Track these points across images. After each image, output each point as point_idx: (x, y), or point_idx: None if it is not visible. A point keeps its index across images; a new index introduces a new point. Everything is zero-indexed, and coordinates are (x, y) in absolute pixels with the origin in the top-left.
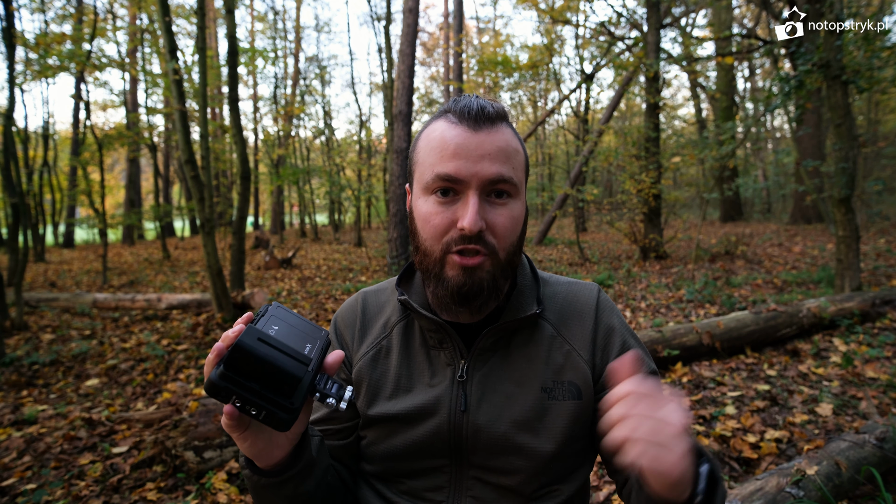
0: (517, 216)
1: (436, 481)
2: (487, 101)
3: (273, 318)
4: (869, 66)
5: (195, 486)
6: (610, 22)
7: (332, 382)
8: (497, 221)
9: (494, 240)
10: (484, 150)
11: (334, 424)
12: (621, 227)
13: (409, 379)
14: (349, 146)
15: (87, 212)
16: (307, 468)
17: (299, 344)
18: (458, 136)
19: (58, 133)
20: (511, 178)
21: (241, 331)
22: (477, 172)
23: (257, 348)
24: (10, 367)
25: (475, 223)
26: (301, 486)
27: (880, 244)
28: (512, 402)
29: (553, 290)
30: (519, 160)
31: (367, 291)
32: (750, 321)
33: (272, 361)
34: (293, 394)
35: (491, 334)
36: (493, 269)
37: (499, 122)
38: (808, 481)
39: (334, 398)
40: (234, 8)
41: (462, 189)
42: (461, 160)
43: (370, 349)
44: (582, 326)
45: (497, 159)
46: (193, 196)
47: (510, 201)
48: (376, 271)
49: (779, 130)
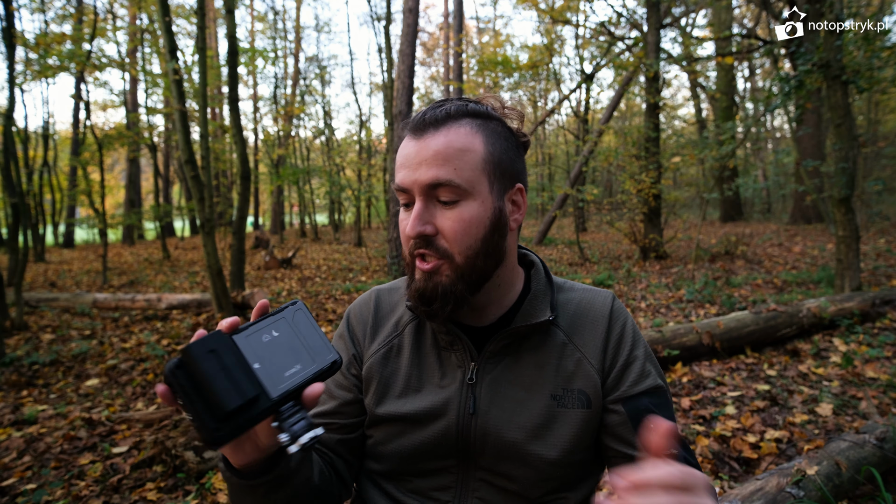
0: (468, 218)
1: (443, 481)
2: (445, 104)
3: (281, 322)
4: (869, 66)
5: (195, 486)
6: (610, 22)
7: (301, 418)
8: (444, 225)
9: (447, 244)
10: (421, 156)
11: (339, 419)
12: (621, 227)
13: (419, 379)
14: (349, 146)
15: (87, 212)
16: (280, 479)
17: (284, 362)
18: (405, 147)
19: (58, 133)
20: (450, 180)
21: (224, 326)
22: (416, 179)
23: (200, 362)
24: (10, 367)
25: (413, 228)
26: (272, 494)
27: (880, 244)
28: (521, 408)
29: (567, 297)
30: (469, 158)
31: (380, 289)
32: (750, 321)
33: (208, 381)
34: (222, 420)
35: (502, 338)
36: (452, 273)
37: (446, 124)
38: (808, 481)
39: (289, 436)
40: (234, 8)
41: (413, 197)
42: (406, 170)
43: (381, 347)
44: (594, 334)
45: (434, 163)
46: (193, 196)
47: (459, 204)
48: (376, 271)
49: (779, 130)
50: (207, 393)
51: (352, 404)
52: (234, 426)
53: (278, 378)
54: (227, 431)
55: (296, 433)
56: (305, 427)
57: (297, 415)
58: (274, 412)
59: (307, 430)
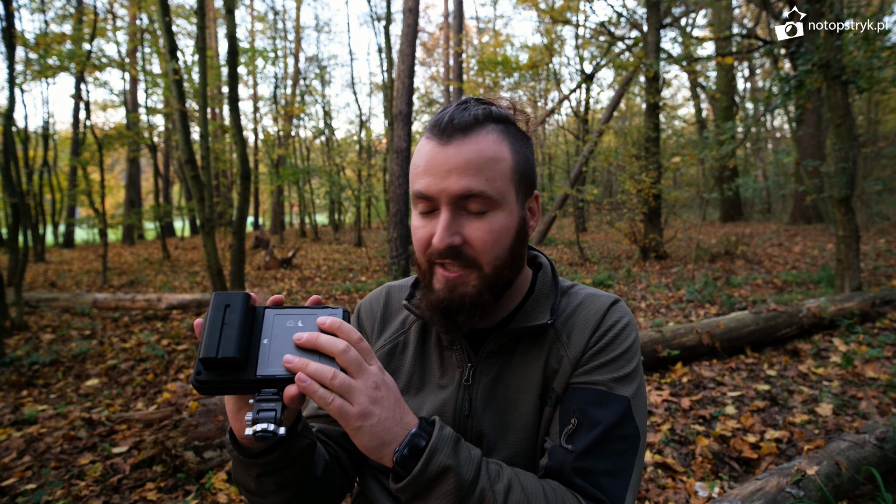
0: (498, 228)
1: None
2: (469, 107)
3: (311, 318)
4: (869, 66)
5: (195, 486)
6: (610, 22)
7: (273, 409)
8: (474, 235)
9: (474, 254)
10: (450, 164)
11: None
12: (621, 227)
13: (420, 378)
14: (349, 146)
15: (87, 212)
16: (275, 465)
17: (288, 350)
18: (429, 152)
19: (58, 133)
20: (482, 191)
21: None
22: (445, 189)
23: (211, 308)
24: (10, 367)
25: (442, 240)
26: (264, 476)
27: (880, 244)
28: (512, 410)
29: (570, 301)
30: (499, 168)
31: (391, 286)
32: (750, 321)
33: (206, 327)
34: (206, 367)
35: (498, 339)
36: (480, 283)
37: (474, 130)
38: (808, 481)
39: (252, 418)
40: (234, 8)
41: (437, 205)
42: (430, 177)
43: (387, 343)
44: (582, 332)
45: (465, 173)
46: (193, 196)
47: (489, 214)
48: (376, 271)
49: (779, 130)
50: (203, 336)
51: None
52: (216, 380)
53: (274, 361)
54: (207, 379)
55: (257, 419)
56: (269, 418)
57: (272, 403)
58: (255, 389)
59: (268, 421)
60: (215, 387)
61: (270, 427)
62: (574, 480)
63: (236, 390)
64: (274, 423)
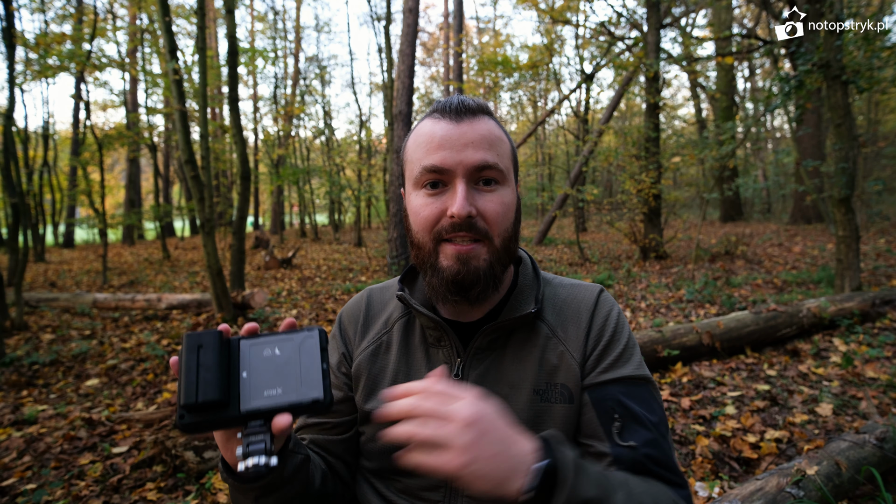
0: (507, 202)
1: (432, 480)
2: (468, 97)
3: (289, 343)
4: (869, 66)
5: (195, 486)
6: (610, 22)
7: (261, 441)
8: (487, 207)
9: (486, 225)
10: (467, 138)
11: (332, 418)
12: (621, 227)
13: (406, 376)
14: (349, 146)
15: (87, 212)
16: (271, 487)
17: (269, 381)
18: (441, 129)
19: (58, 133)
20: (496, 164)
21: (243, 330)
22: (462, 160)
23: (184, 352)
24: (10, 367)
25: (463, 207)
26: (263, 498)
27: (880, 244)
28: (505, 405)
29: (554, 291)
30: (504, 148)
31: (372, 289)
32: (750, 321)
33: (182, 372)
34: (189, 410)
35: (487, 333)
36: (490, 255)
37: (480, 114)
38: (808, 481)
39: (242, 452)
40: (234, 8)
41: (449, 179)
42: (446, 150)
43: (370, 344)
44: (577, 326)
45: (480, 146)
46: (193, 196)
47: (498, 188)
48: (376, 271)
49: (779, 130)
50: (180, 381)
51: (343, 403)
52: (200, 420)
53: (256, 394)
54: (191, 422)
55: (247, 453)
56: (259, 451)
57: (260, 435)
58: (241, 424)
59: (258, 454)
60: (200, 427)
61: (262, 460)
62: (653, 470)
63: (222, 427)
64: (265, 455)
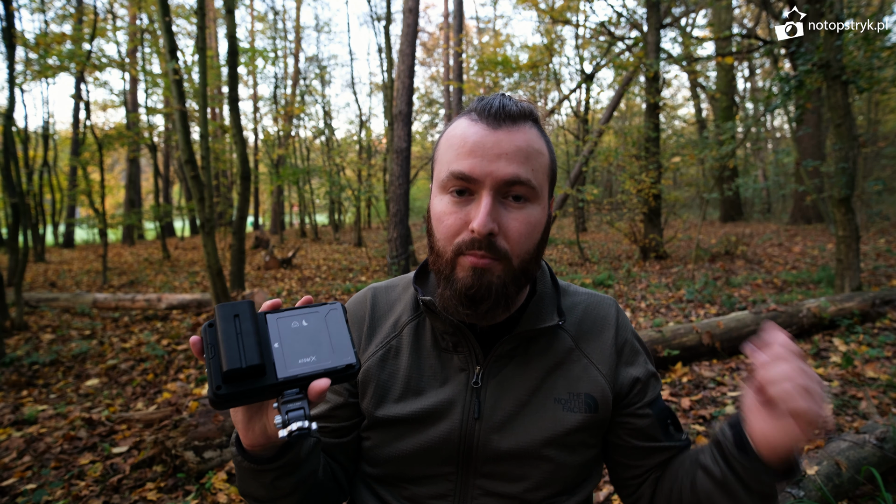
0: (534, 222)
1: (440, 489)
2: (513, 100)
3: (314, 315)
4: (869, 66)
5: (195, 486)
6: (610, 22)
7: (300, 407)
8: (511, 226)
9: (507, 245)
10: (501, 148)
11: (332, 422)
12: (621, 227)
13: (419, 381)
14: (349, 146)
15: (87, 212)
16: (289, 467)
17: (302, 350)
18: (475, 134)
19: (58, 133)
20: (529, 180)
21: (266, 306)
22: (492, 172)
23: (221, 321)
24: (10, 367)
25: (485, 225)
26: (279, 481)
27: (880, 244)
28: (525, 412)
29: (573, 301)
30: (541, 162)
31: (377, 287)
32: (750, 321)
33: (221, 340)
34: (226, 380)
35: (509, 341)
36: (505, 275)
37: (522, 121)
38: (808, 481)
39: (282, 420)
40: (234, 8)
41: (477, 189)
42: (477, 158)
43: (379, 349)
44: (601, 340)
45: (514, 159)
46: (193, 196)
47: (528, 205)
48: (376, 271)
49: (779, 130)
50: (218, 350)
51: (343, 408)
52: (237, 391)
53: (291, 362)
54: (228, 392)
55: (288, 420)
56: (300, 416)
57: (297, 402)
58: (278, 393)
59: (301, 419)
60: (238, 398)
61: (305, 423)
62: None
63: (259, 397)
64: (307, 420)
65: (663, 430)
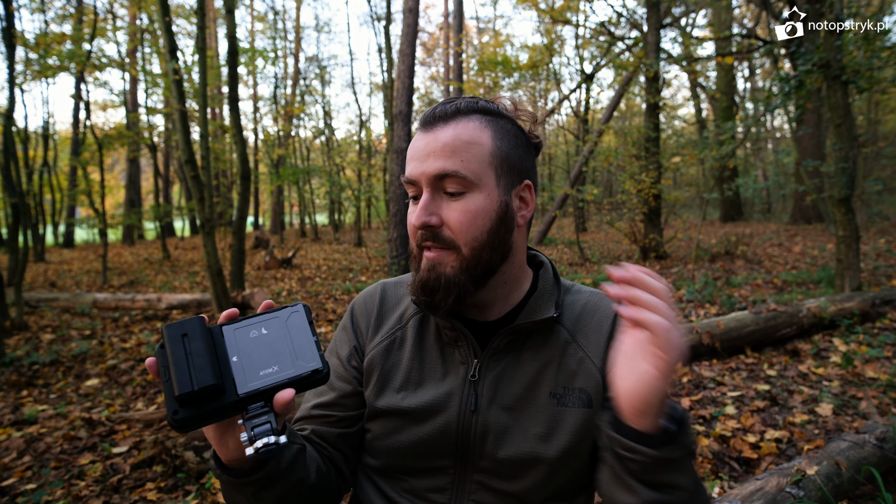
0: (474, 209)
1: (439, 482)
2: (456, 100)
3: (274, 321)
4: (869, 66)
5: (195, 486)
6: (610, 22)
7: (266, 421)
8: (451, 217)
9: (452, 235)
10: (430, 148)
11: (338, 411)
12: (621, 227)
13: (420, 373)
14: (349, 146)
15: (87, 212)
16: (269, 479)
17: (262, 360)
18: (416, 141)
19: (58, 133)
20: (456, 171)
21: (222, 317)
22: (424, 171)
23: (169, 343)
24: (10, 367)
25: (418, 217)
26: (261, 493)
27: (880, 244)
28: (521, 406)
29: (574, 298)
30: (476, 151)
31: (387, 282)
32: (750, 321)
33: (171, 363)
34: (183, 403)
35: (506, 335)
36: (457, 264)
37: (458, 117)
38: (808, 481)
39: (248, 437)
40: (234, 8)
41: (419, 190)
42: (414, 162)
43: (384, 339)
44: (598, 334)
45: (441, 155)
46: (193, 196)
47: (466, 195)
48: (376, 271)
49: (779, 130)
50: (170, 374)
51: (351, 396)
52: (196, 413)
53: (252, 375)
54: (186, 416)
55: (254, 436)
56: (266, 432)
57: (263, 416)
58: (242, 409)
59: (267, 434)
60: (198, 420)
61: (271, 439)
62: None
63: (221, 416)
64: (273, 435)
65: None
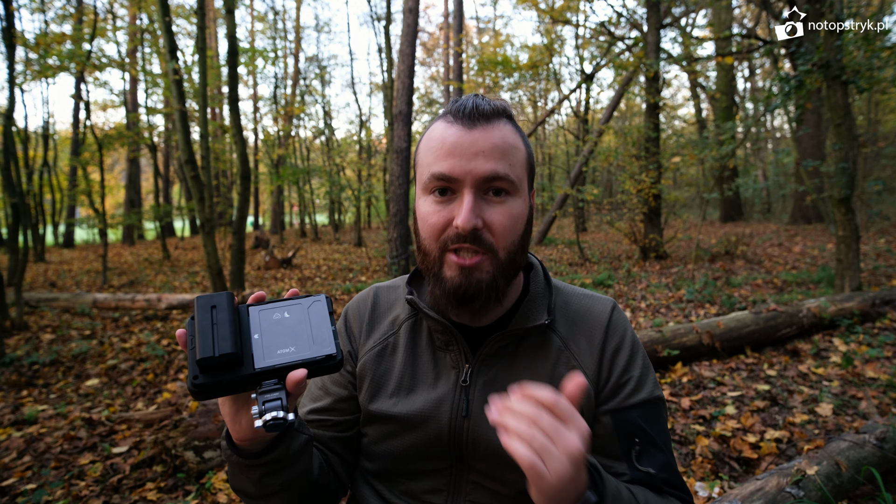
0: (516, 214)
1: (435, 484)
2: (485, 99)
3: (297, 307)
4: (869, 66)
5: (195, 486)
6: (610, 22)
7: (278, 398)
8: (494, 219)
9: (492, 238)
10: (478, 147)
11: (334, 416)
12: (621, 227)
13: (412, 378)
14: (349, 146)
15: (87, 212)
16: (277, 464)
17: (281, 341)
18: (452, 135)
19: (58, 133)
20: (507, 174)
21: (251, 298)
22: (471, 170)
23: (197, 311)
24: (10, 367)
25: (468, 221)
26: (267, 478)
27: (880, 244)
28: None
29: (566, 301)
30: (518, 157)
31: (379, 287)
32: (750, 321)
33: (197, 330)
34: (203, 370)
35: (498, 340)
36: (493, 268)
37: (496, 119)
38: (808, 481)
39: (259, 410)
40: (234, 8)
41: (458, 187)
42: (455, 158)
43: (376, 344)
44: (590, 342)
45: (492, 156)
46: (193, 196)
47: (508, 199)
48: (376, 271)
49: (779, 130)
50: (195, 341)
51: (346, 401)
52: (214, 381)
53: (269, 353)
54: (205, 382)
55: (265, 409)
56: (276, 407)
57: (275, 392)
58: (256, 383)
59: (275, 409)
60: (215, 388)
61: (280, 414)
62: (666, 490)
63: (237, 388)
64: (283, 410)
65: (625, 453)
